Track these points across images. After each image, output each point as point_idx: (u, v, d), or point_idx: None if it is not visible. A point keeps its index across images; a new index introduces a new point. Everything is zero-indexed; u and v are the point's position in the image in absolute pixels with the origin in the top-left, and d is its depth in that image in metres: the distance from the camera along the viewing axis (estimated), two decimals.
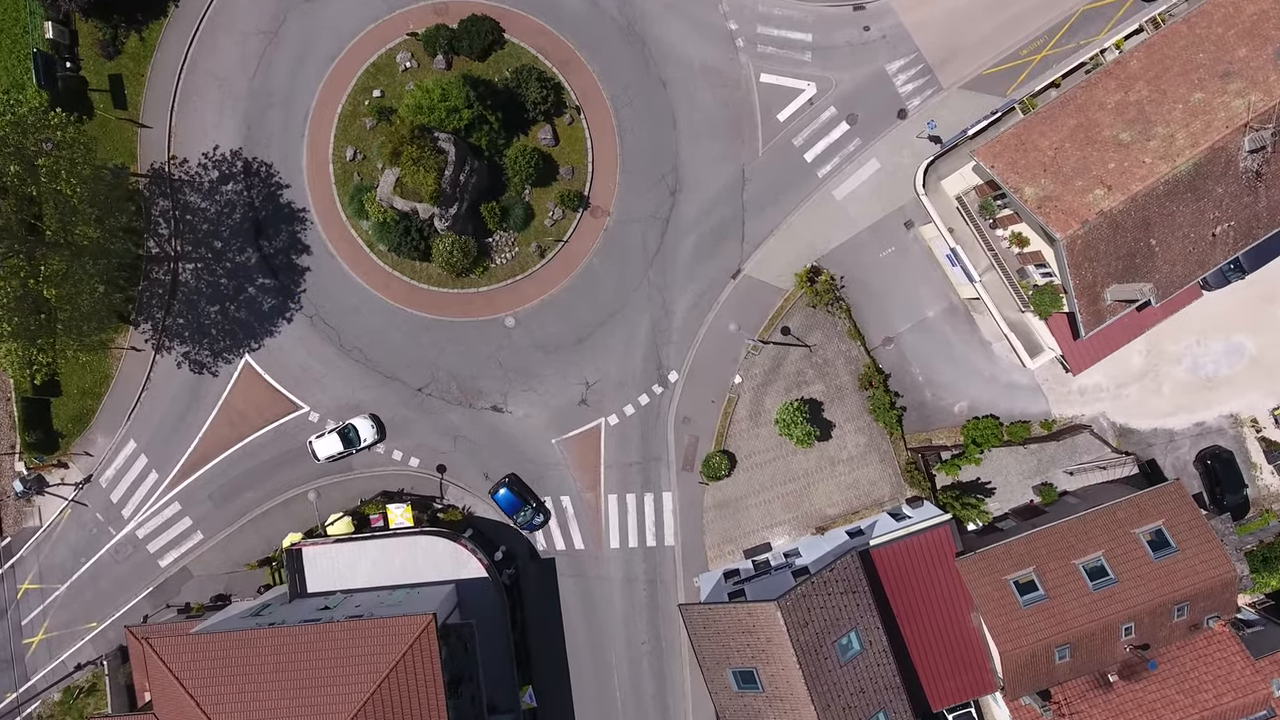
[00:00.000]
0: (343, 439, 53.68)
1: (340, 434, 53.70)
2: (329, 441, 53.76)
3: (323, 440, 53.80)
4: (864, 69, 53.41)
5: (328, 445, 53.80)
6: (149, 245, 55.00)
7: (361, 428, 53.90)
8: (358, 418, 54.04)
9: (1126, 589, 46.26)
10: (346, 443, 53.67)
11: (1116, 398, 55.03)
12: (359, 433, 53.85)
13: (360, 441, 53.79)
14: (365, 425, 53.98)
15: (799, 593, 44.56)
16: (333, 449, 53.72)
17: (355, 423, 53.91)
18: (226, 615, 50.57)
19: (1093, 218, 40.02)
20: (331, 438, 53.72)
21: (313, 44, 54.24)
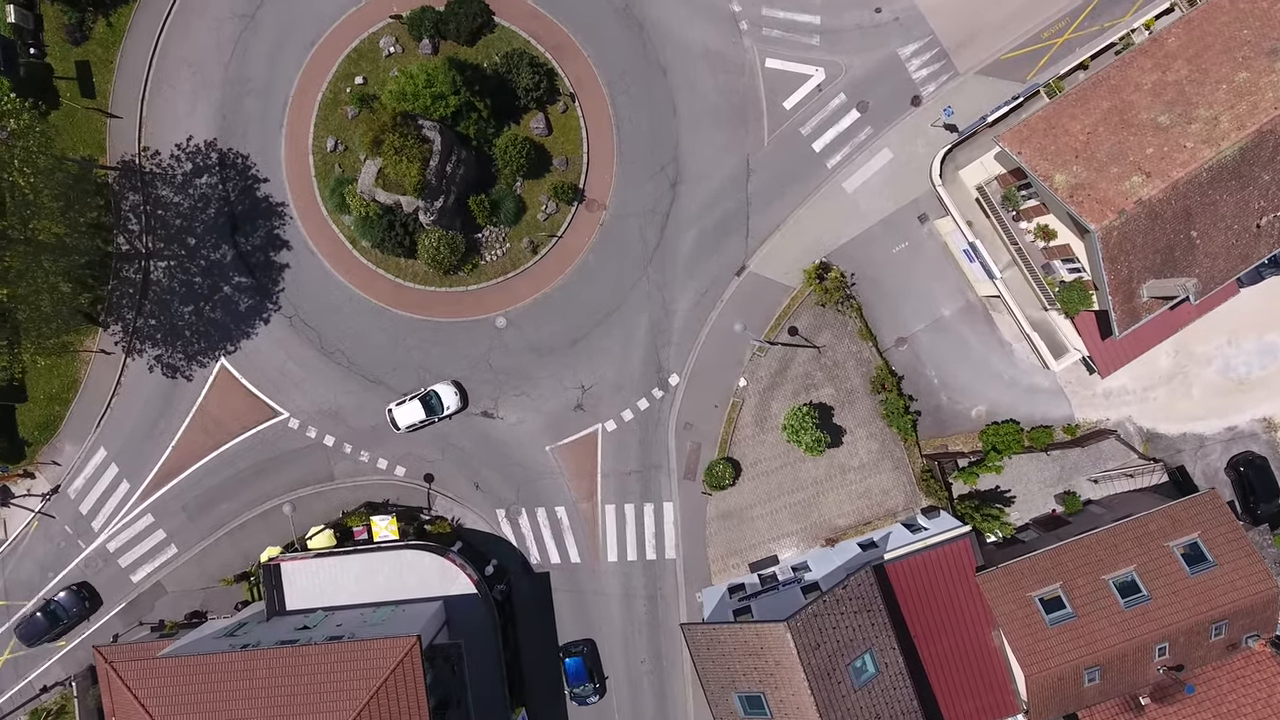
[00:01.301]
0: (425, 406, 50.40)
1: (422, 400, 50.41)
2: (410, 409, 50.45)
3: (403, 408, 50.52)
4: (875, 53, 50.60)
5: (409, 413, 50.48)
6: (118, 242, 52.14)
7: (444, 394, 50.66)
8: (440, 384, 50.89)
9: (1160, 606, 43.33)
10: (429, 410, 50.46)
11: (1143, 401, 52.21)
12: (442, 399, 50.59)
13: (443, 409, 50.54)
14: (448, 391, 50.75)
15: (810, 612, 41.60)
16: (414, 417, 50.42)
17: (438, 389, 50.70)
18: (199, 635, 47.60)
19: (1130, 207, 36.98)
20: (413, 404, 50.45)
21: (291, 28, 51.34)
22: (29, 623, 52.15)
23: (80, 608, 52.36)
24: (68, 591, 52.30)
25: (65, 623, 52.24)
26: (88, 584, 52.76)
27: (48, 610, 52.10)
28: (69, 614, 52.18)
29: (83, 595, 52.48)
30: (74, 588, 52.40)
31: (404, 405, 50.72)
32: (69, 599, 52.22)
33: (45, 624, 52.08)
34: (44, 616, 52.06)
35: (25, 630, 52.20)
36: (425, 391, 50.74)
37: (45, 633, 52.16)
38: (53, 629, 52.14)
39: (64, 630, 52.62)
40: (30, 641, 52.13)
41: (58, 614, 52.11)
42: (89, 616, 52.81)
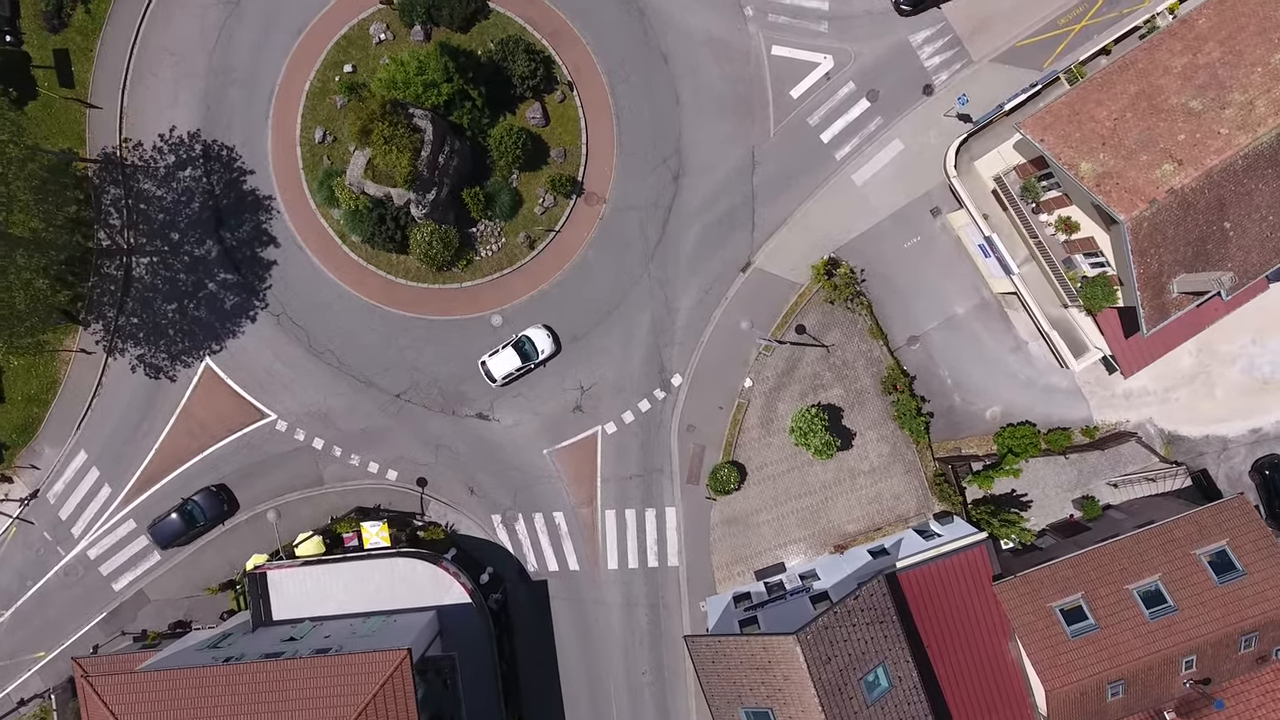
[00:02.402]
0: (519, 353, 48.21)
1: (515, 348, 48.26)
2: (504, 358, 48.27)
3: (497, 358, 48.38)
4: (886, 40, 48.65)
5: (504, 362, 48.28)
6: (99, 237, 50.30)
7: (537, 338, 48.48)
8: (531, 328, 48.66)
9: (1188, 617, 41.41)
10: (524, 357, 48.25)
11: (1164, 402, 50.28)
12: (535, 344, 48.41)
13: (538, 354, 48.38)
14: (541, 335, 48.57)
15: (820, 624, 39.62)
16: (509, 366, 48.23)
17: (530, 334, 48.49)
18: (181, 647, 45.74)
19: (1161, 196, 34.99)
20: (506, 353, 48.27)
21: (278, 15, 49.39)
22: (164, 524, 49.13)
23: (218, 510, 49.55)
24: (205, 493, 49.49)
25: (201, 525, 49.36)
26: (226, 486, 50.08)
27: (184, 511, 49.10)
28: (205, 516, 49.29)
29: (221, 497, 49.73)
30: (212, 489, 49.66)
31: (497, 355, 48.46)
32: (206, 500, 49.32)
33: (180, 526, 49.09)
34: (180, 518, 49.04)
35: (159, 532, 49.17)
36: (517, 338, 48.51)
37: (180, 535, 49.23)
38: (188, 530, 49.25)
39: (199, 533, 49.77)
40: (164, 544, 49.32)
41: (194, 515, 49.11)
42: (225, 520, 50.05)
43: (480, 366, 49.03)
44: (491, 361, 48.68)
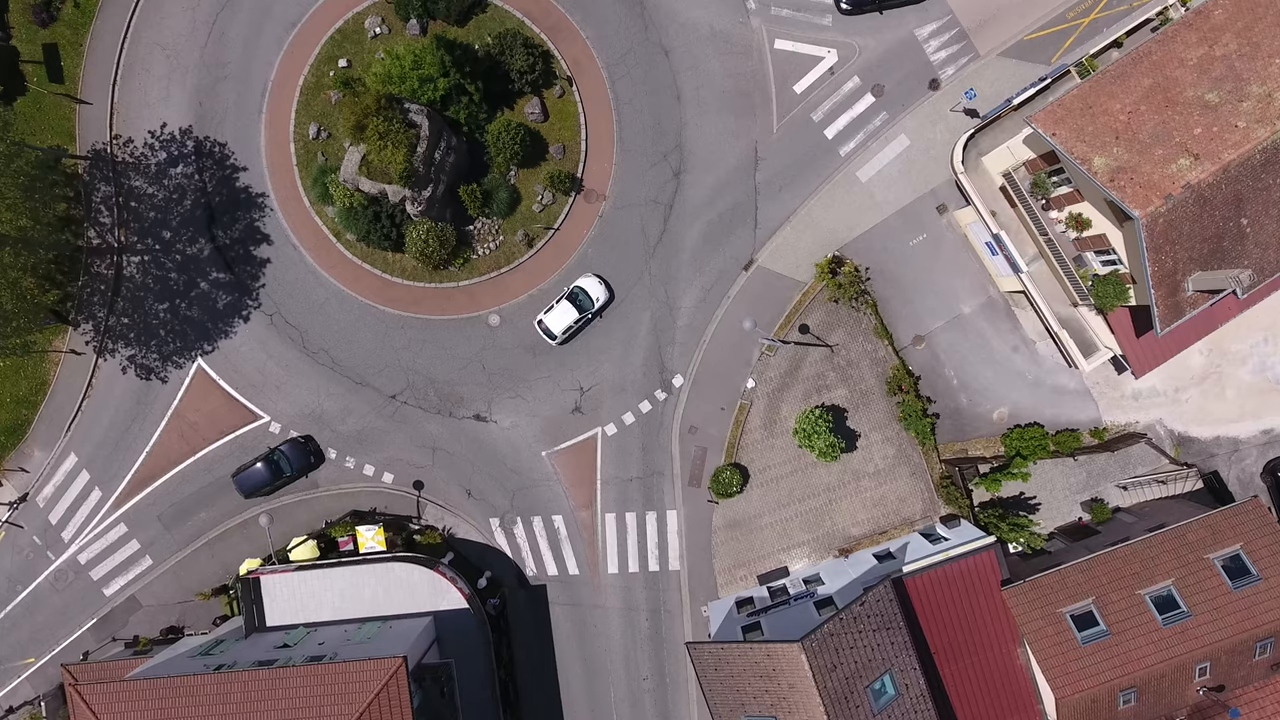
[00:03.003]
0: (574, 305, 46.98)
1: (570, 300, 47.02)
2: (561, 312, 46.96)
3: (554, 314, 47.07)
4: (891, 34, 47.71)
5: (561, 317, 46.94)
6: (89, 236, 49.33)
7: (590, 287, 47.31)
8: (582, 278, 47.53)
9: (1201, 623, 40.48)
10: (579, 308, 47.01)
11: (1175, 402, 49.36)
12: (589, 294, 47.22)
13: (593, 303, 47.16)
14: (593, 284, 47.41)
15: (826, 631, 38.71)
16: (567, 319, 46.90)
17: (582, 284, 47.33)
18: (172, 654, 44.80)
19: (1178, 191, 34.03)
20: (562, 307, 46.97)
21: (271, 9, 48.44)
22: (249, 473, 47.83)
23: (304, 461, 48.26)
24: (292, 443, 48.24)
25: (288, 475, 48.09)
26: (312, 438, 48.78)
27: (270, 460, 47.78)
28: (292, 467, 47.99)
29: (308, 449, 48.48)
30: (300, 439, 48.46)
31: (553, 311, 47.21)
32: (293, 450, 48.04)
33: (265, 476, 47.78)
34: (265, 467, 47.73)
35: (244, 481, 47.92)
36: (570, 290, 47.33)
37: (264, 485, 47.90)
38: (273, 481, 47.98)
39: (285, 483, 48.58)
40: (247, 493, 48.08)
41: (280, 466, 47.81)
42: (311, 472, 48.83)
43: (537, 326, 47.67)
44: (549, 318, 47.32)
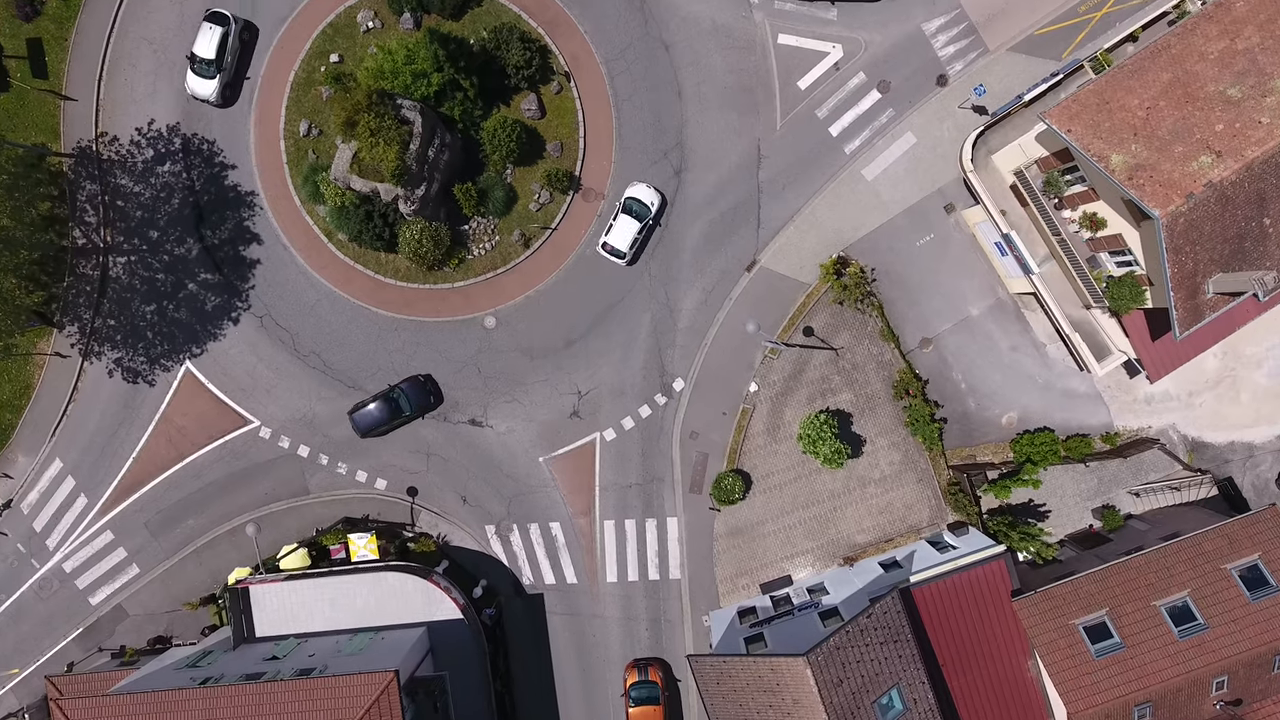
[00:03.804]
0: (632, 216, 45.51)
1: (626, 213, 45.56)
2: (622, 228, 45.44)
3: (614, 231, 45.56)
4: (898, 29, 46.54)
5: (624, 232, 45.42)
6: (74, 235, 48.08)
7: (641, 194, 45.86)
8: (630, 188, 46.07)
9: (1219, 636, 39.30)
10: (639, 218, 45.54)
11: (1188, 407, 48.22)
12: (643, 201, 45.71)
13: (650, 210, 45.68)
14: (643, 190, 45.99)
15: (832, 645, 37.50)
16: (630, 232, 45.37)
17: (632, 193, 45.92)
18: (157, 667, 43.61)
19: (1199, 190, 32.81)
20: (621, 223, 45.44)
21: (260, 2, 47.20)
22: (365, 411, 46.24)
23: (424, 400, 46.72)
24: (411, 381, 46.81)
25: (406, 415, 46.59)
26: (431, 377, 47.31)
27: (389, 399, 46.17)
28: (412, 405, 46.45)
29: (428, 388, 46.99)
30: (420, 377, 46.95)
31: (613, 230, 45.67)
32: (413, 389, 46.60)
33: (383, 414, 46.15)
34: (383, 405, 46.10)
35: (360, 420, 46.34)
36: (624, 202, 45.92)
37: (381, 424, 46.37)
38: (390, 420, 46.40)
39: (403, 423, 47.11)
40: (364, 432, 46.63)
41: (399, 404, 46.24)
42: (428, 412, 47.31)
43: (602, 251, 46.26)
44: (612, 238, 45.83)
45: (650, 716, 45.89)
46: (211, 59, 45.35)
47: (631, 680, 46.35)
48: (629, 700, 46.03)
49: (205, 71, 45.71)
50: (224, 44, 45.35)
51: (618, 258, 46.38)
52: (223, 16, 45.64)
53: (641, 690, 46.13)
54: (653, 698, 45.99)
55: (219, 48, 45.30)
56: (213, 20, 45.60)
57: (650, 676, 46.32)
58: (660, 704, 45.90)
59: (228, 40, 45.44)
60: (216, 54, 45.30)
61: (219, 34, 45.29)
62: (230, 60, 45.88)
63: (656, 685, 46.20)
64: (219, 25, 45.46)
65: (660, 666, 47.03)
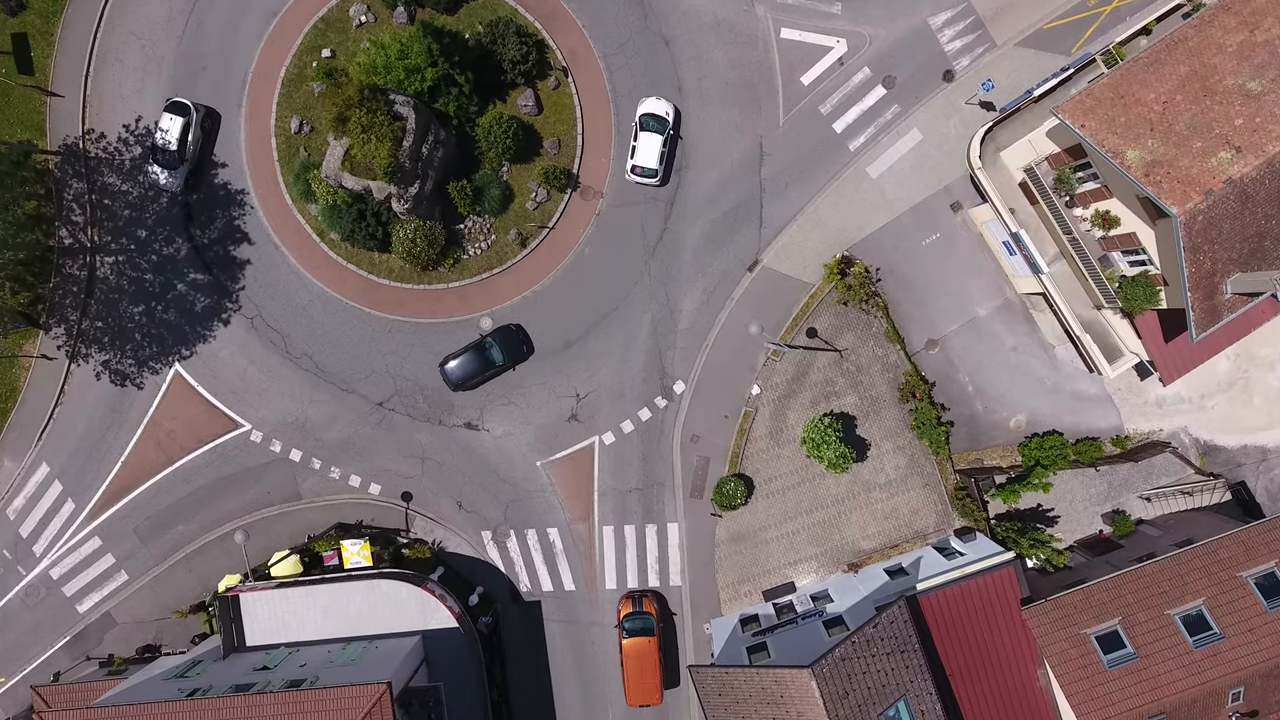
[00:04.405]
0: (653, 131, 44.28)
1: (643, 130, 44.32)
2: (646, 145, 44.25)
3: (640, 151, 44.46)
4: (903, 23, 45.48)
5: (649, 149, 44.20)
6: (61, 235, 47.03)
7: (654, 108, 44.37)
8: (641, 104, 44.80)
9: (1235, 646, 38.24)
10: (659, 131, 44.36)
11: (1200, 410, 47.15)
12: (658, 115, 44.48)
13: (668, 121, 44.44)
14: (655, 103, 44.39)
15: (837, 655, 36.43)
16: (656, 147, 44.13)
17: (646, 109, 44.29)
18: (146, 676, 42.52)
19: (1219, 186, 31.76)
20: (643, 140, 44.30)
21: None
22: (458, 363, 44.98)
23: (517, 350, 45.58)
24: (503, 330, 45.55)
25: (499, 365, 45.32)
26: (523, 327, 46.02)
27: (481, 349, 44.95)
28: (505, 356, 45.08)
29: (520, 337, 45.78)
30: (512, 326, 45.76)
31: (638, 149, 44.46)
32: (505, 338, 45.25)
33: (475, 366, 44.98)
34: (476, 356, 44.91)
35: (453, 371, 45.00)
36: (639, 119, 44.62)
37: (473, 376, 45.11)
38: (483, 372, 45.19)
39: (496, 374, 45.81)
40: (456, 384, 45.27)
41: (491, 355, 44.99)
42: (520, 363, 45.98)
43: (631, 175, 44.91)
44: (639, 158, 44.43)
45: (644, 648, 44.55)
46: (174, 150, 44.58)
47: (626, 611, 45.08)
48: (623, 632, 44.77)
49: (168, 161, 44.97)
50: (185, 134, 44.60)
51: (649, 177, 44.92)
52: (183, 106, 44.78)
53: (636, 621, 44.83)
54: (647, 629, 44.71)
55: (180, 138, 44.55)
56: (173, 111, 44.75)
57: (645, 608, 45.08)
58: (655, 635, 44.65)
59: (189, 130, 44.65)
60: (179, 145, 44.55)
61: (180, 124, 44.49)
62: (193, 149, 45.11)
63: (651, 616, 44.93)
64: (180, 116, 44.63)
65: (655, 599, 45.91)
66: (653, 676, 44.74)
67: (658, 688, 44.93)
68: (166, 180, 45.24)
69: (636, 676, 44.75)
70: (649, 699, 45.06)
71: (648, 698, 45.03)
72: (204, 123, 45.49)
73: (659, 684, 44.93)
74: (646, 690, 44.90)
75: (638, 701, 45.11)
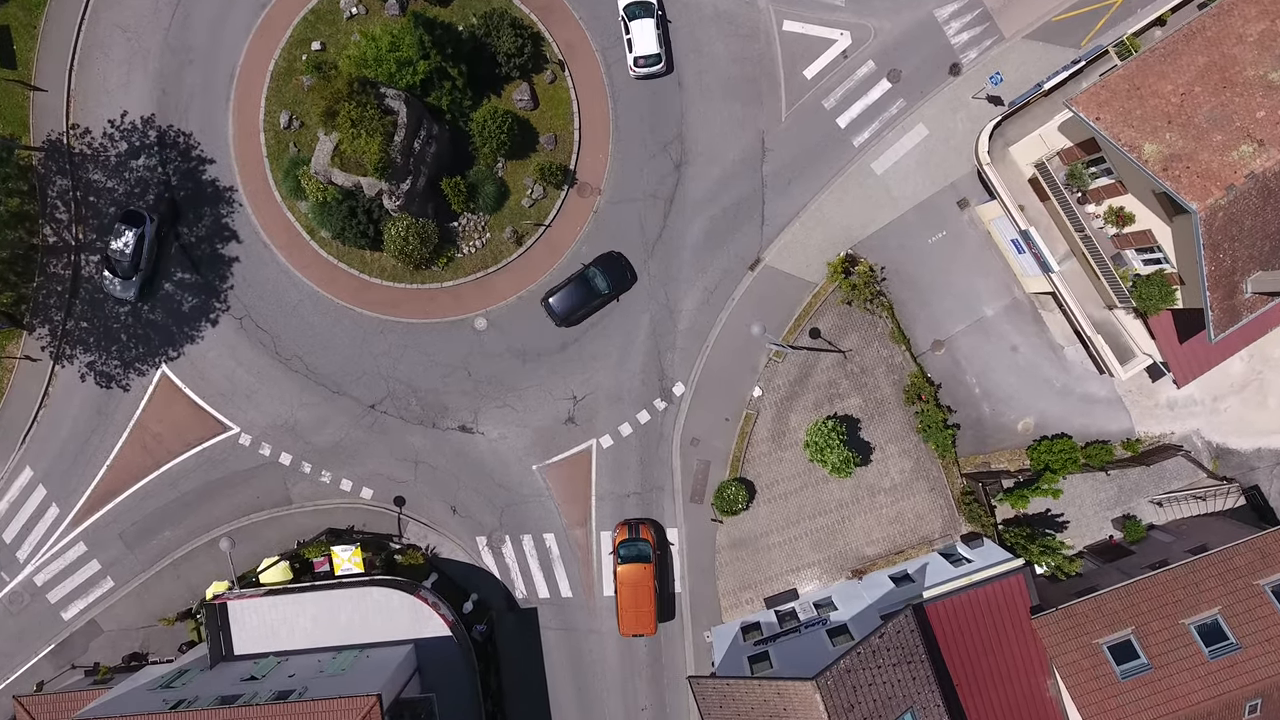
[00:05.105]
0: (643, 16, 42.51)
1: (633, 18, 42.59)
2: (641, 32, 42.50)
3: (635, 40, 42.86)
4: (909, 15, 44.38)
5: (645, 35, 42.42)
6: (44, 233, 45.87)
7: (641, 31, 42.91)
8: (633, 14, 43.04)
9: (1252, 656, 37.16)
10: (650, 14, 42.88)
11: (1213, 412, 46.09)
12: (648, 5, 42.92)
13: (654, 2, 43.01)
14: (644, 27, 42.89)
15: (842, 667, 35.32)
16: (650, 34, 42.40)
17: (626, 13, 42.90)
18: (131, 686, 41.37)
19: (1240, 181, 30.62)
20: (638, 28, 42.58)
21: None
22: (563, 294, 43.87)
23: (621, 278, 44.30)
24: (604, 259, 44.30)
25: (604, 294, 44.08)
26: (622, 254, 44.65)
27: (584, 279, 43.71)
28: (609, 283, 44.06)
29: (623, 263, 44.43)
30: (613, 254, 44.28)
31: (633, 38, 43.07)
32: (606, 266, 44.06)
33: (581, 296, 43.91)
34: (579, 287, 43.72)
35: (559, 304, 43.82)
36: (624, 10, 43.19)
37: (582, 306, 44.07)
38: (589, 302, 44.14)
39: (602, 304, 44.52)
40: (562, 318, 43.87)
41: (595, 284, 43.92)
42: (624, 292, 44.71)
43: (634, 69, 43.47)
44: (637, 48, 42.91)
45: (639, 574, 43.25)
46: (128, 261, 43.82)
47: (621, 538, 43.93)
48: (618, 558, 43.63)
49: (123, 272, 44.12)
50: (140, 244, 43.78)
51: (654, 65, 43.32)
52: (138, 216, 43.93)
53: (631, 548, 43.68)
54: (643, 555, 43.53)
55: (135, 250, 43.76)
56: (127, 221, 43.92)
57: (642, 535, 43.91)
58: (651, 562, 43.46)
59: (144, 240, 43.83)
60: (132, 256, 43.74)
61: (134, 235, 43.67)
62: (148, 259, 44.24)
63: (648, 544, 43.75)
64: (135, 226, 43.82)
65: (652, 527, 44.79)
66: (647, 604, 43.41)
67: (652, 617, 43.60)
68: (121, 290, 44.48)
69: (631, 605, 43.40)
70: (643, 628, 43.72)
71: (642, 627, 43.68)
72: (159, 230, 44.70)
73: (653, 613, 43.58)
74: (641, 619, 43.51)
75: (630, 631, 43.77)
